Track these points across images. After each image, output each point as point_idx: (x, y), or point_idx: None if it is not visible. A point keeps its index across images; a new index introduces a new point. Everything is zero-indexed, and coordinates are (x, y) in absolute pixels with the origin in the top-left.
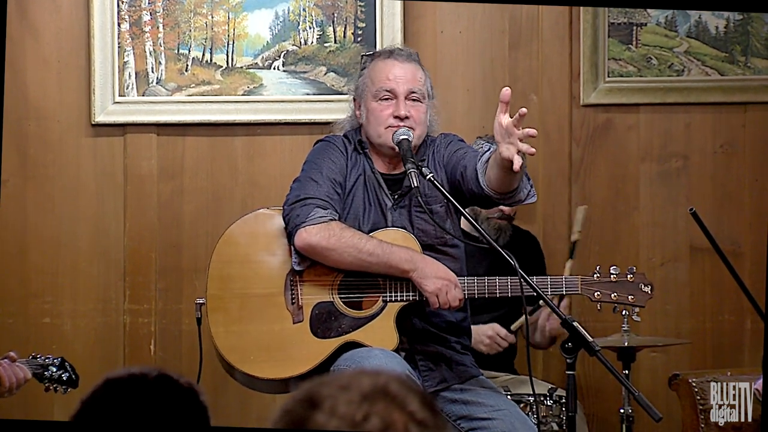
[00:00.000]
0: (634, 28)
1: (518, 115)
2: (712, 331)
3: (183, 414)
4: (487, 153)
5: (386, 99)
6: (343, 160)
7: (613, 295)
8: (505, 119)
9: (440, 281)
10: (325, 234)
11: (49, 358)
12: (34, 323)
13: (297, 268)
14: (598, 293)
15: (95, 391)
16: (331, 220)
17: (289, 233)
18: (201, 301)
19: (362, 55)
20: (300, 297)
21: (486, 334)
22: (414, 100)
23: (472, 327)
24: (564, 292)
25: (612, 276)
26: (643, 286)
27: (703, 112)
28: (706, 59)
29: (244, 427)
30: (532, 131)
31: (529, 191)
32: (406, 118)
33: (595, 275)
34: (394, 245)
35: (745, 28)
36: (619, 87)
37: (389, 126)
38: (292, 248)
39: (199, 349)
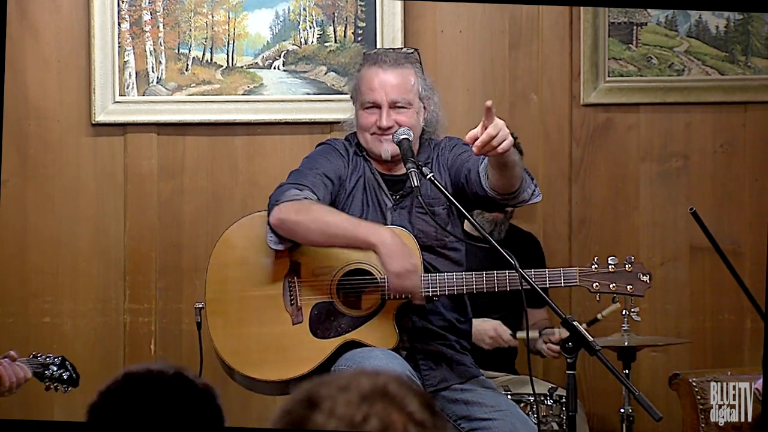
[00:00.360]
0: (635, 27)
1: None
2: (712, 330)
3: (198, 414)
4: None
5: (370, 107)
6: (342, 162)
7: (611, 285)
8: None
9: (405, 263)
10: (294, 208)
11: (49, 357)
12: (34, 323)
13: (273, 247)
14: (597, 284)
15: (113, 384)
16: (305, 198)
17: (267, 214)
18: (200, 305)
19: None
20: (299, 298)
21: (488, 334)
22: (399, 107)
23: (475, 320)
24: (562, 284)
25: (610, 266)
26: (641, 276)
27: (704, 112)
28: (707, 59)
29: (246, 428)
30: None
31: (534, 191)
32: (389, 128)
33: (593, 266)
34: (363, 221)
35: (745, 28)
36: (620, 86)
37: (374, 134)
38: (267, 227)
39: (200, 353)
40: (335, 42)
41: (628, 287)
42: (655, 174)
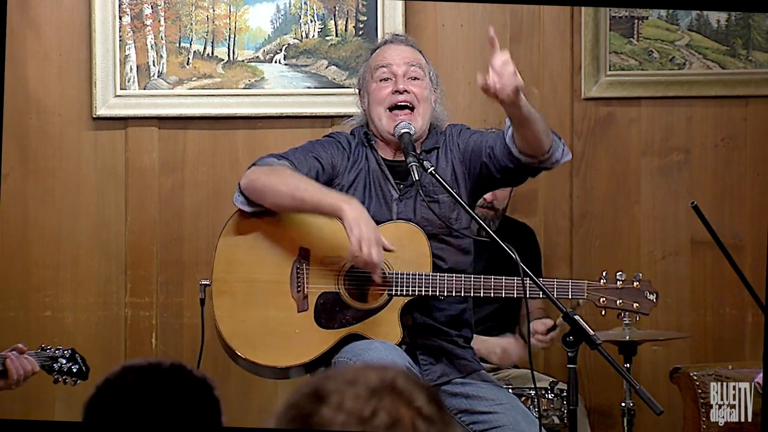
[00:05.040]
0: (636, 21)
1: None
2: (713, 324)
3: (195, 406)
4: (510, 128)
5: (385, 80)
6: (341, 154)
7: (618, 301)
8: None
9: (369, 232)
10: (266, 170)
11: (59, 349)
12: (35, 317)
13: (240, 207)
14: (604, 299)
15: (110, 377)
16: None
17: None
18: (206, 282)
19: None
20: (306, 286)
21: (497, 353)
22: (413, 78)
23: (482, 338)
24: (569, 297)
25: (618, 282)
26: (648, 294)
27: (705, 106)
28: (708, 52)
29: (248, 428)
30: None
31: (563, 149)
32: (405, 92)
33: (601, 281)
34: (334, 191)
35: (746, 22)
36: (621, 80)
37: (389, 106)
38: (237, 188)
39: (201, 332)
40: (336, 36)
41: (635, 305)
42: (656, 168)
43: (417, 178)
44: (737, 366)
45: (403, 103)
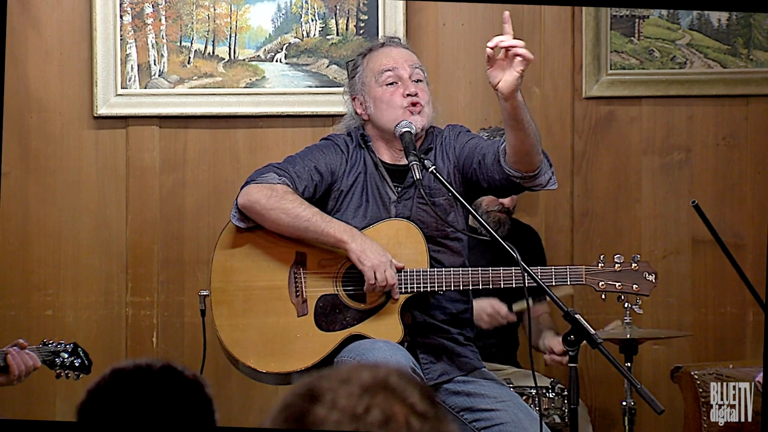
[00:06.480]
0: (637, 20)
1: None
2: (714, 323)
3: (187, 406)
4: (504, 141)
5: (392, 83)
6: (340, 158)
7: (617, 284)
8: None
9: (377, 257)
10: (266, 193)
11: (61, 344)
12: (36, 315)
13: (235, 223)
14: (603, 283)
15: (101, 381)
16: (280, 185)
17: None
18: (205, 293)
19: (348, 62)
20: (304, 289)
21: (486, 311)
22: (418, 80)
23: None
24: (568, 283)
25: (616, 265)
26: (647, 275)
27: (706, 105)
28: (709, 51)
29: (247, 428)
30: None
31: (551, 178)
32: (416, 94)
33: (599, 264)
34: (335, 219)
35: (747, 21)
36: (622, 79)
37: (404, 107)
38: (234, 202)
39: (203, 341)
40: (337, 35)
41: (634, 286)
42: (657, 167)
43: (419, 177)
44: (738, 365)
45: (414, 104)
